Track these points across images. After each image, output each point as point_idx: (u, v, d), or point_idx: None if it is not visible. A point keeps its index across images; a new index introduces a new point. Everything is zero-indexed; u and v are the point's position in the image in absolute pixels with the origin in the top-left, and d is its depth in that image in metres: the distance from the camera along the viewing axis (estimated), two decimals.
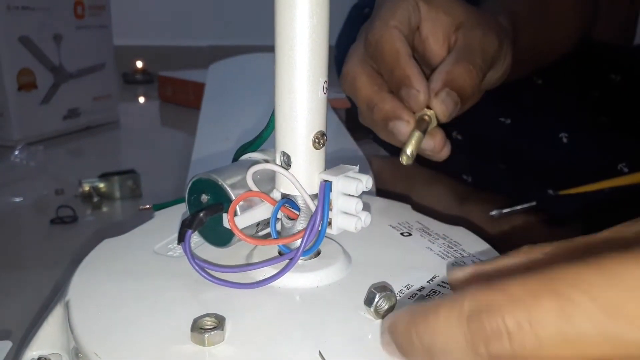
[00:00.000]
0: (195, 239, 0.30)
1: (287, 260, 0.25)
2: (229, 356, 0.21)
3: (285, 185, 0.26)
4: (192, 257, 0.24)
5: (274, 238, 0.26)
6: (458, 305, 0.17)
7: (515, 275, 0.16)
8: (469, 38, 0.35)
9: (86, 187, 0.65)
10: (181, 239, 0.24)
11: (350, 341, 0.22)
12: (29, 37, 0.89)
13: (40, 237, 0.57)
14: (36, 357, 0.24)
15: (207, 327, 0.22)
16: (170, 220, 0.33)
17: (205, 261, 0.26)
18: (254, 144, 0.30)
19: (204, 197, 0.27)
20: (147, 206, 0.36)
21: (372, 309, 0.23)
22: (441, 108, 0.32)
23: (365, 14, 0.78)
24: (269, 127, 0.28)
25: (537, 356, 0.15)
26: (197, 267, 0.24)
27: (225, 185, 0.26)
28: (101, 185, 0.66)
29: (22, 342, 0.28)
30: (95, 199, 0.65)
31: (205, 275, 0.24)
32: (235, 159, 0.31)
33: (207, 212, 0.25)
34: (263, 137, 0.29)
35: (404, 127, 0.33)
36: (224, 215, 0.25)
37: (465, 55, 0.34)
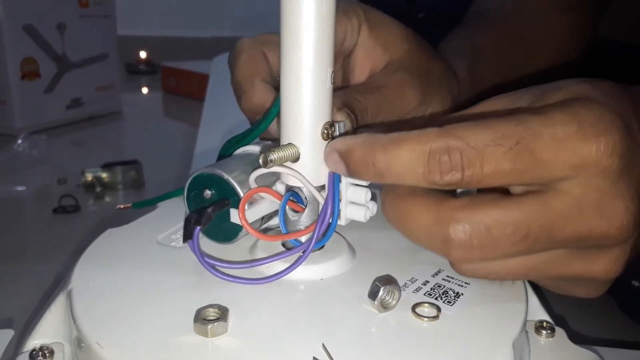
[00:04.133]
0: None
1: (297, 254, 0.25)
2: (232, 348, 0.21)
3: (291, 178, 0.26)
4: (202, 255, 0.24)
5: (285, 233, 0.26)
6: (422, 143, 0.21)
7: (465, 126, 0.21)
8: (384, 80, 0.32)
9: (89, 177, 0.65)
10: (188, 236, 0.24)
11: (354, 334, 0.22)
12: (33, 26, 0.89)
13: (43, 226, 0.57)
14: (38, 346, 0.24)
15: (210, 318, 0.22)
16: (173, 211, 0.33)
17: (214, 258, 0.25)
18: (248, 137, 0.29)
19: (208, 193, 0.26)
20: (128, 205, 0.34)
21: (376, 303, 0.23)
22: None
23: None
24: (267, 119, 0.28)
25: (481, 179, 0.21)
26: (207, 266, 0.24)
27: (232, 180, 0.25)
28: (104, 175, 0.66)
29: (24, 330, 0.28)
30: (98, 189, 0.64)
31: (216, 273, 0.24)
32: (225, 151, 0.30)
33: (215, 208, 0.24)
34: (260, 128, 0.29)
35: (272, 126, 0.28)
36: (232, 211, 0.25)
37: (351, 94, 0.30)
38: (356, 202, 0.26)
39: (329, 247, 0.28)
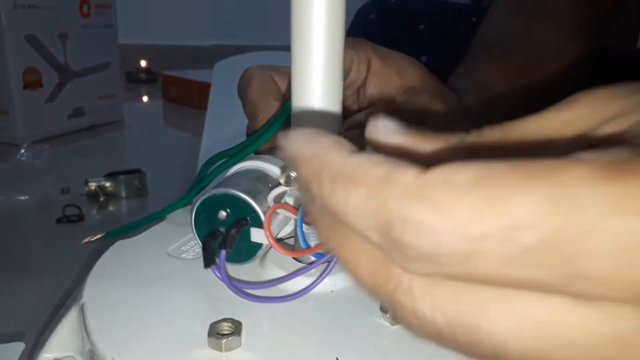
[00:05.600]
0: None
1: (319, 266, 0.25)
2: None
3: None
4: (230, 280, 0.23)
5: (306, 248, 0.25)
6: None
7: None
8: (410, 98, 0.33)
9: (92, 186, 0.65)
10: (211, 262, 0.23)
11: (367, 347, 0.22)
12: (35, 36, 0.89)
13: (47, 236, 0.57)
14: None
15: (224, 332, 0.22)
16: (182, 222, 0.33)
17: (240, 281, 0.25)
18: (243, 151, 0.29)
19: (223, 214, 0.25)
20: (98, 236, 0.31)
21: (388, 315, 0.23)
22: None
23: (371, 19, 0.78)
24: (269, 133, 0.28)
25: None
26: (236, 290, 0.23)
27: (250, 199, 0.25)
28: (107, 184, 0.66)
29: (35, 343, 0.28)
30: (102, 198, 0.65)
31: (245, 296, 0.24)
32: (206, 170, 0.30)
33: (237, 229, 0.24)
34: (258, 143, 0.28)
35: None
36: (253, 230, 0.25)
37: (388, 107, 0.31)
38: None
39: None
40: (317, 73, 0.24)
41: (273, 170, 0.27)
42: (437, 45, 0.66)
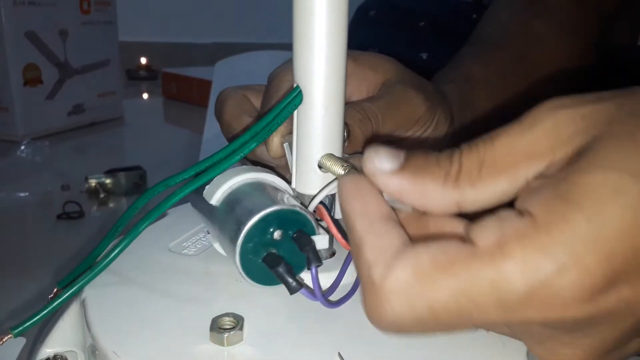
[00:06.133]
0: (204, 241, 0.30)
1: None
2: (248, 356, 0.21)
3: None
4: (328, 301, 0.23)
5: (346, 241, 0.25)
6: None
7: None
8: (385, 91, 0.33)
9: (92, 183, 0.65)
10: (295, 288, 0.22)
11: (368, 342, 0.22)
12: (35, 32, 0.89)
13: (47, 233, 0.57)
14: (52, 355, 0.24)
15: (226, 326, 0.22)
16: (183, 218, 0.33)
17: (324, 293, 0.24)
18: (220, 165, 0.27)
19: (278, 233, 0.23)
20: (6, 337, 0.27)
21: None
22: None
23: (371, 16, 0.78)
24: (255, 142, 0.26)
25: None
26: (328, 304, 0.23)
27: (302, 210, 0.24)
28: (107, 181, 0.66)
29: (36, 339, 0.28)
30: (102, 195, 0.65)
31: (334, 306, 0.24)
32: (145, 200, 0.27)
33: (308, 241, 0.23)
34: (245, 151, 0.27)
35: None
36: (317, 238, 0.24)
37: (363, 102, 0.31)
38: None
39: (339, 254, 0.28)
40: (320, 71, 0.24)
41: (268, 178, 0.26)
42: (437, 43, 0.66)
